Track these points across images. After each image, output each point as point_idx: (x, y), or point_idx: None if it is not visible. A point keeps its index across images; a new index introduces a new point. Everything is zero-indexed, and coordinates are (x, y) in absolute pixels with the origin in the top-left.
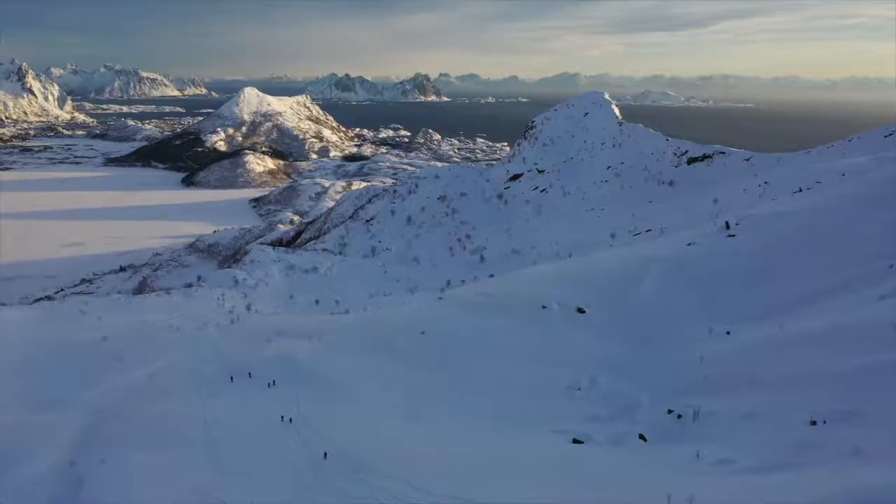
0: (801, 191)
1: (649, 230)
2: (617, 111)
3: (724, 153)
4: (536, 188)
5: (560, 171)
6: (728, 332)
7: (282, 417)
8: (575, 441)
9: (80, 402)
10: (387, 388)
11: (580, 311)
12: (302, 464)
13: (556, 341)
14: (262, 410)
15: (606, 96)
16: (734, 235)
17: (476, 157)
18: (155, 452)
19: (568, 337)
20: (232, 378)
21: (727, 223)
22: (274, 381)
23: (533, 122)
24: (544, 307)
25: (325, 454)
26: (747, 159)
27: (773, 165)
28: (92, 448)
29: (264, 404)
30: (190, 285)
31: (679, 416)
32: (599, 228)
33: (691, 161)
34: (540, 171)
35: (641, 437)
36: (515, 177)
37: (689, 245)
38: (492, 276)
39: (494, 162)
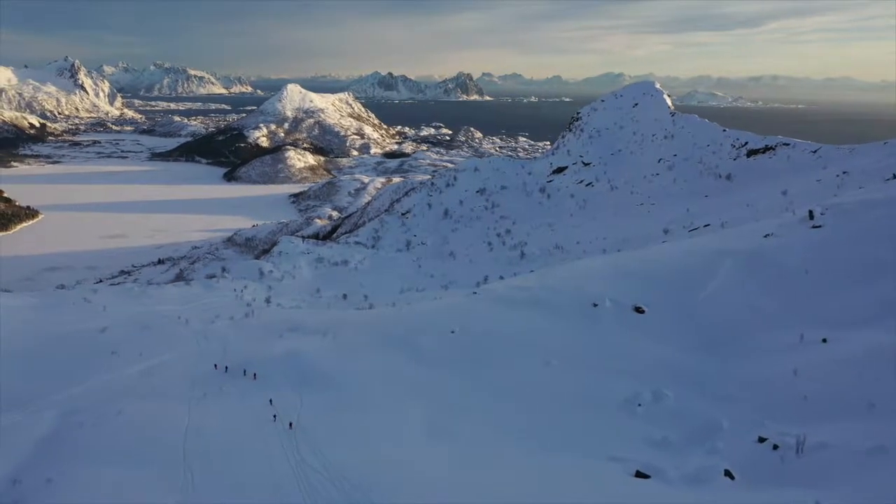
0: (894, 178)
1: (707, 225)
2: (669, 101)
3: (788, 144)
4: (582, 182)
5: (607, 163)
6: (825, 340)
7: (273, 420)
8: (639, 474)
9: (55, 401)
10: (405, 395)
11: (638, 310)
12: (292, 491)
13: (609, 345)
14: (255, 419)
15: (657, 86)
16: (820, 226)
17: (517, 155)
18: (118, 468)
19: (624, 340)
20: (230, 378)
21: (811, 212)
22: (276, 384)
23: (578, 113)
24: (595, 305)
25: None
26: (815, 151)
27: (847, 157)
28: (45, 461)
29: (259, 412)
30: (213, 276)
31: (776, 447)
32: (650, 224)
33: (751, 153)
34: (585, 164)
35: (728, 473)
36: (559, 170)
37: (766, 237)
38: (532, 272)
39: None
